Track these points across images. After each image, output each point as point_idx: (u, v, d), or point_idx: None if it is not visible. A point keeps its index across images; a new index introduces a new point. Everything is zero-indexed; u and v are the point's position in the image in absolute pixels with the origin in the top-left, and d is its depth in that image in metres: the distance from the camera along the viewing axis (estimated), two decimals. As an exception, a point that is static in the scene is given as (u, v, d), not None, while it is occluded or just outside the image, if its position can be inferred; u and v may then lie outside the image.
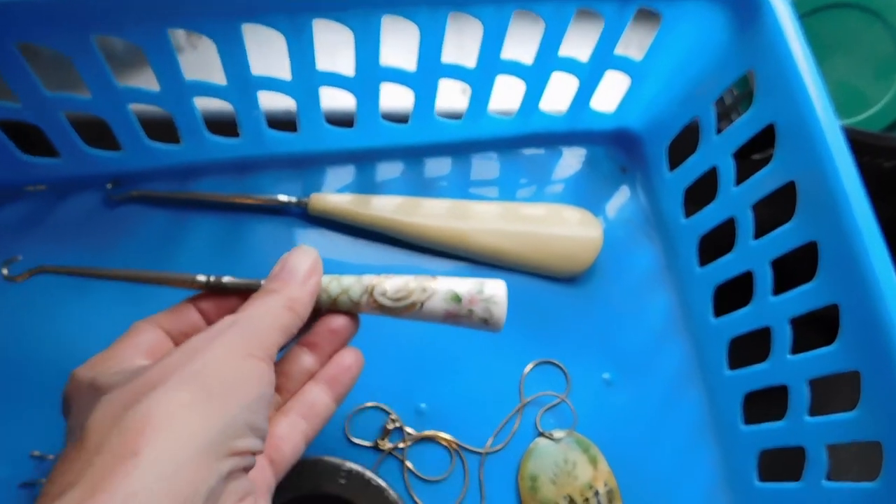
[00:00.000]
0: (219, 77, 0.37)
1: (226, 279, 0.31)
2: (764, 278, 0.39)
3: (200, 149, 0.42)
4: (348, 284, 0.32)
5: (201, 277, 0.31)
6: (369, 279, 0.32)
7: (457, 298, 0.32)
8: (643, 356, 0.44)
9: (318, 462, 0.37)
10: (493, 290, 0.32)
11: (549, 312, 0.44)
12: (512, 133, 0.48)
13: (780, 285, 0.38)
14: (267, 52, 0.38)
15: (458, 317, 0.32)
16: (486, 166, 0.48)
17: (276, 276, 0.30)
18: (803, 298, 0.36)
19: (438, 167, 0.47)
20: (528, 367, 0.42)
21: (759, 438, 0.40)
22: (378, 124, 0.44)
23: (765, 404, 0.41)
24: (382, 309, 0.32)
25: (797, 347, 0.37)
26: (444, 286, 0.32)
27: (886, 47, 0.61)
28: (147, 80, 0.37)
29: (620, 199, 0.48)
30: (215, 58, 0.36)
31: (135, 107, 0.40)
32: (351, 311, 0.32)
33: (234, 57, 0.36)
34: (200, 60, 0.45)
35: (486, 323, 0.32)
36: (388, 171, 0.46)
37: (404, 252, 0.44)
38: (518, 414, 0.41)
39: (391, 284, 0.32)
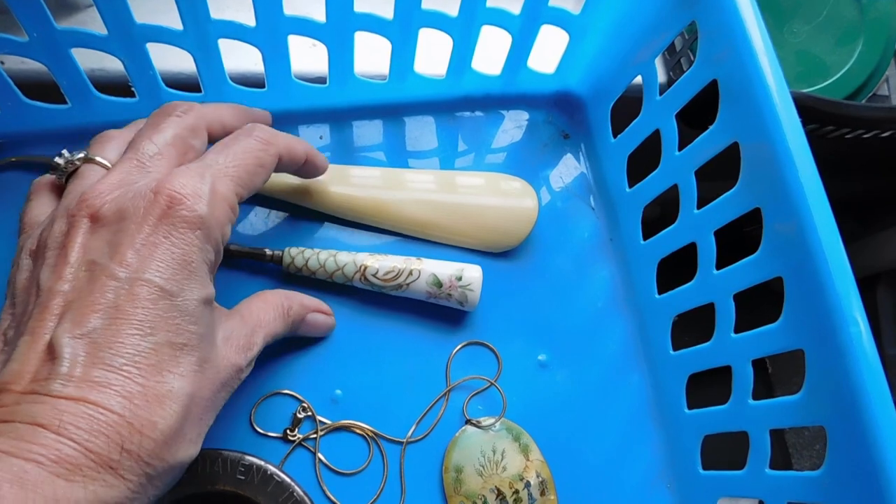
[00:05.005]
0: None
1: (232, 246, 0.37)
2: (707, 250, 0.36)
3: (91, 110, 0.38)
4: (344, 262, 0.37)
5: None
6: (362, 259, 0.37)
7: (438, 283, 0.37)
8: (582, 336, 0.41)
9: (215, 455, 0.33)
10: (471, 278, 0.37)
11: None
12: (445, 95, 0.44)
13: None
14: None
15: (438, 297, 0.37)
16: (420, 131, 0.44)
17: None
18: (746, 271, 0.33)
19: (367, 131, 0.43)
20: (456, 348, 0.39)
21: (704, 423, 0.37)
22: (292, 84, 0.40)
23: (713, 386, 0.38)
24: (372, 286, 0.37)
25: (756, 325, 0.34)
26: (427, 270, 0.37)
27: (848, 12, 0.58)
28: (17, 28, 0.32)
29: (562, 167, 0.45)
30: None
31: (7, 61, 0.36)
32: (343, 283, 0.38)
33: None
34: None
35: (462, 305, 0.38)
36: (308, 136, 0.42)
37: (318, 225, 0.40)
38: (443, 400, 0.38)
39: (381, 266, 0.37)
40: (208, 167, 0.28)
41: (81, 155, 0.31)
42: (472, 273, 0.37)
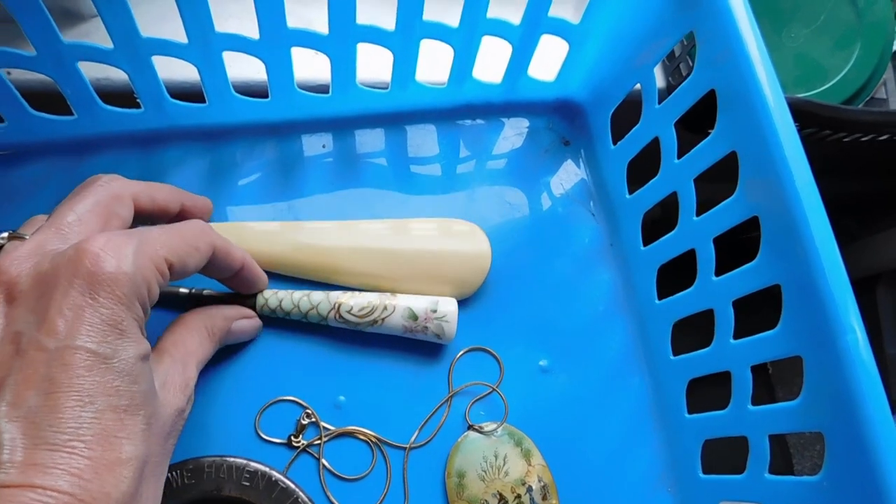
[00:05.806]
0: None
1: (206, 291, 0.37)
2: (707, 257, 0.36)
3: (97, 121, 0.38)
4: (318, 300, 0.37)
5: (183, 290, 0.37)
6: (336, 297, 0.37)
7: (413, 316, 0.37)
8: (583, 341, 0.41)
9: (220, 462, 0.34)
10: (446, 311, 0.37)
11: (480, 294, 0.40)
12: (446, 103, 0.44)
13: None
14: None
15: (415, 331, 0.37)
16: (421, 139, 0.44)
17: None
18: (745, 279, 0.33)
19: (369, 140, 0.44)
20: (458, 354, 0.39)
21: (704, 427, 0.38)
22: (295, 94, 0.40)
23: (714, 390, 0.39)
24: (347, 323, 0.37)
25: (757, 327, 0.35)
26: (402, 304, 0.37)
27: (846, 16, 0.58)
28: (23, 41, 0.33)
29: (563, 174, 0.45)
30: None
31: (13, 72, 0.37)
32: (318, 322, 0.37)
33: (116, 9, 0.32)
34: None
35: (439, 337, 0.38)
36: (311, 145, 0.43)
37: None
38: (446, 405, 0.38)
39: (356, 302, 0.37)
40: (136, 233, 0.27)
41: (6, 234, 0.30)
42: (448, 306, 0.37)
